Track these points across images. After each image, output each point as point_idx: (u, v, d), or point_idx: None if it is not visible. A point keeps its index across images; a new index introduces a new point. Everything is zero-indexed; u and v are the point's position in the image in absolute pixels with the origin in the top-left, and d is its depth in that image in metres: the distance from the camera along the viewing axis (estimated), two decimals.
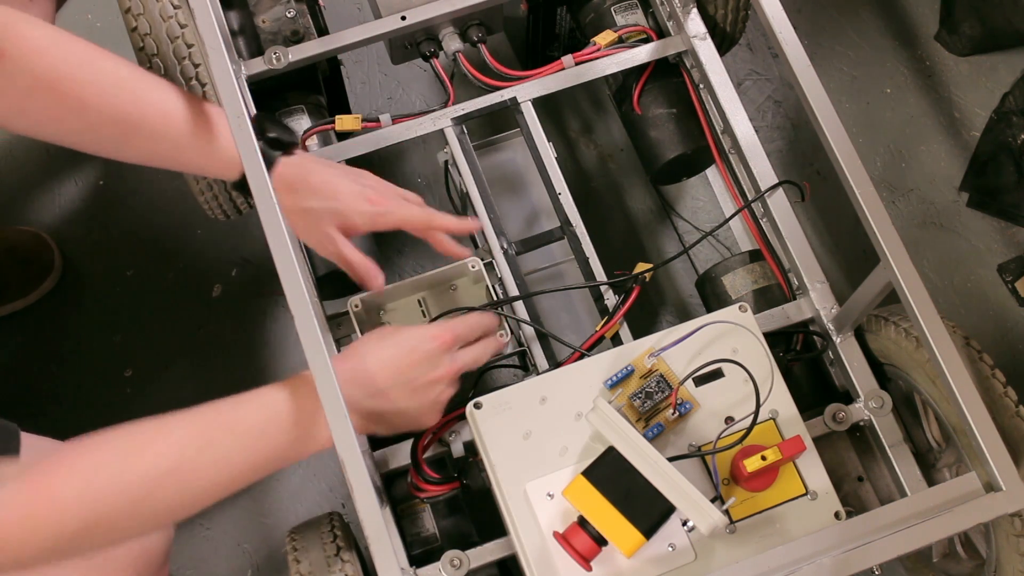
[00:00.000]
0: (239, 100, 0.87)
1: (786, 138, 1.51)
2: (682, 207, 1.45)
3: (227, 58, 0.90)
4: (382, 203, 0.98)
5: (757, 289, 1.07)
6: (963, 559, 1.04)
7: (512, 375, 1.17)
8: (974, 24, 1.51)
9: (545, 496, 0.89)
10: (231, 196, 1.18)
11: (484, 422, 0.91)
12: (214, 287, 1.41)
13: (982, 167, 1.46)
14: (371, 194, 0.98)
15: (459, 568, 0.91)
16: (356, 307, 1.02)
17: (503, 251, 1.06)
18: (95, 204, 1.44)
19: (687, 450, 0.91)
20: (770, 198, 1.06)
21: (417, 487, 0.96)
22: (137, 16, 1.07)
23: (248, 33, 1.16)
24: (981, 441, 0.83)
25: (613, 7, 1.20)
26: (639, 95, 1.18)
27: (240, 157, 0.85)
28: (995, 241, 1.46)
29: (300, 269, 0.82)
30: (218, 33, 0.90)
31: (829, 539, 0.84)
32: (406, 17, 1.13)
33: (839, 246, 1.44)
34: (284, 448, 0.83)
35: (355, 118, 1.10)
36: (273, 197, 0.84)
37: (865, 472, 1.00)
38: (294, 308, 0.81)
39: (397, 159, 1.46)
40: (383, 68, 1.53)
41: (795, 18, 1.54)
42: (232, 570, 1.27)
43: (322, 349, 0.80)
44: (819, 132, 0.92)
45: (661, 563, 0.87)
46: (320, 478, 1.31)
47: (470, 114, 1.11)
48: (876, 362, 1.01)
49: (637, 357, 0.94)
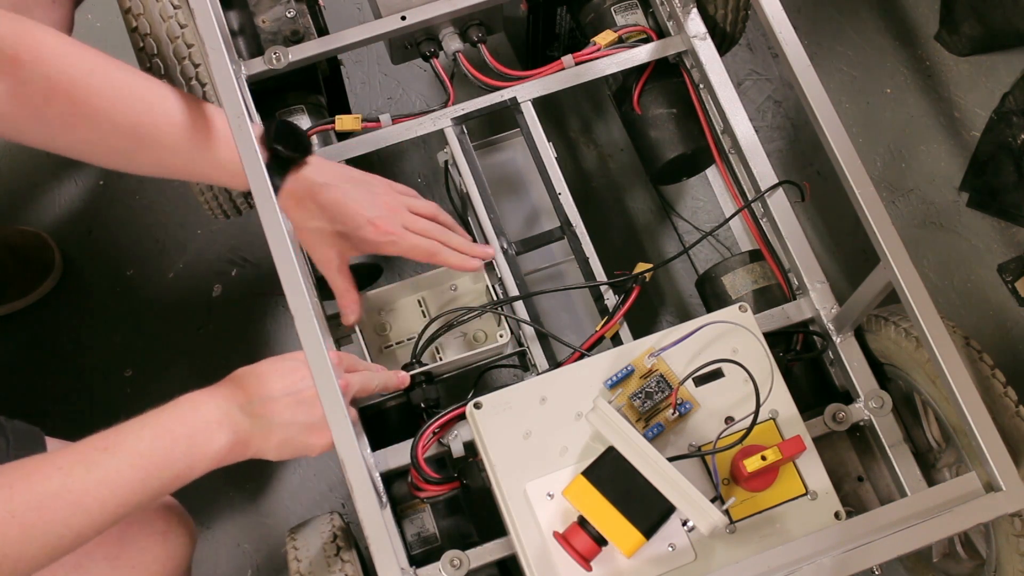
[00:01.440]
0: (239, 100, 0.87)
1: (786, 138, 1.51)
2: (682, 207, 1.45)
3: (227, 58, 0.90)
4: (388, 231, 0.99)
5: (757, 289, 1.07)
6: (963, 559, 1.04)
7: (512, 375, 1.18)
8: (974, 24, 1.51)
9: (545, 496, 0.89)
10: (231, 196, 1.18)
11: (484, 422, 0.91)
12: (214, 287, 1.41)
13: (982, 167, 1.46)
14: (379, 220, 0.99)
15: (459, 568, 0.91)
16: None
17: (503, 251, 1.06)
18: (95, 204, 1.44)
19: (687, 450, 0.91)
20: (770, 198, 1.06)
21: (417, 487, 0.96)
22: (137, 16, 1.08)
23: (248, 33, 1.16)
24: (981, 441, 0.83)
25: (613, 7, 1.20)
26: (639, 95, 1.18)
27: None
28: (995, 241, 1.46)
29: (300, 269, 0.82)
30: (218, 33, 0.90)
31: (829, 539, 0.84)
32: (406, 17, 1.13)
33: (839, 246, 1.44)
34: (172, 462, 0.83)
35: (355, 118, 1.10)
36: (273, 198, 0.84)
37: (865, 472, 1.00)
38: (294, 308, 0.81)
39: (397, 159, 1.46)
40: (383, 68, 1.53)
41: (795, 18, 1.54)
42: (232, 570, 1.27)
43: (322, 349, 0.80)
44: (819, 132, 0.92)
45: (661, 563, 0.87)
46: (320, 478, 1.31)
47: (470, 114, 1.11)
48: (876, 362, 1.01)
49: (637, 357, 0.94)
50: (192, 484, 1.26)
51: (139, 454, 0.81)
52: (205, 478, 1.33)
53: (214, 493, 1.30)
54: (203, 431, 0.84)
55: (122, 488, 0.80)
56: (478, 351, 1.02)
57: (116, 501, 0.80)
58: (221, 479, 1.30)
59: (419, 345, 1.02)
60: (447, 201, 1.19)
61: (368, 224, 0.98)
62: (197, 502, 1.29)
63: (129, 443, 0.81)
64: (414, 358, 1.01)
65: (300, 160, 0.97)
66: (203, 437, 0.84)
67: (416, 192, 1.06)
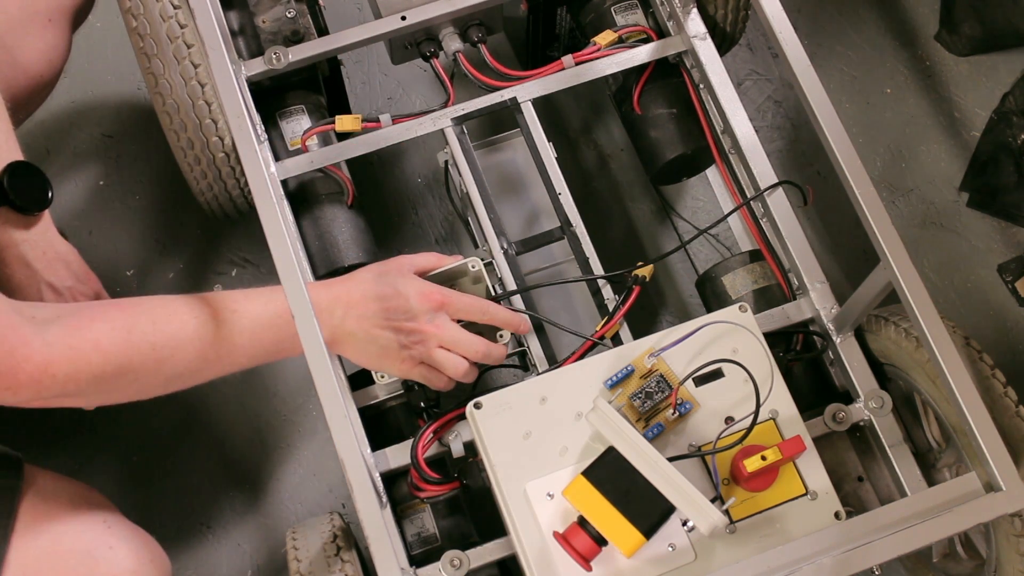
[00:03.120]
0: (239, 100, 0.88)
1: (786, 138, 1.51)
2: (682, 207, 1.45)
3: (227, 58, 0.90)
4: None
5: (757, 289, 1.07)
6: (963, 559, 1.04)
7: (512, 375, 1.17)
8: (974, 24, 1.51)
9: (545, 496, 0.89)
10: (231, 196, 1.18)
11: (484, 422, 0.91)
12: (214, 287, 1.41)
13: (982, 167, 1.46)
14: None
15: (459, 568, 0.91)
16: None
17: (503, 251, 1.06)
18: (95, 204, 1.44)
19: (687, 450, 0.91)
20: (770, 198, 1.06)
21: (417, 487, 0.96)
22: (137, 16, 1.08)
23: (248, 33, 1.16)
24: (981, 441, 0.83)
25: (613, 7, 1.20)
26: (639, 95, 1.18)
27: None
28: (995, 241, 1.46)
29: (300, 269, 0.82)
30: (218, 33, 0.90)
31: (829, 539, 0.84)
32: (406, 17, 1.13)
33: (839, 246, 1.43)
34: (282, 341, 0.92)
35: (355, 118, 1.10)
36: (274, 198, 0.84)
37: (865, 472, 1.00)
38: (294, 308, 0.81)
39: (397, 159, 1.46)
40: (383, 68, 1.53)
41: (795, 18, 1.54)
42: (232, 570, 1.27)
43: (322, 349, 0.80)
44: (819, 132, 0.92)
45: (661, 563, 0.87)
46: (320, 478, 1.31)
47: (470, 114, 1.11)
48: (876, 362, 1.01)
49: (637, 357, 0.94)
50: (192, 484, 1.26)
51: (256, 324, 0.90)
52: (205, 478, 1.32)
53: (214, 493, 1.30)
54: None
55: (238, 350, 0.90)
56: None
57: (229, 360, 0.90)
58: (221, 479, 1.30)
59: None
60: (447, 201, 1.19)
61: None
62: (197, 502, 1.29)
63: (250, 313, 0.91)
64: None
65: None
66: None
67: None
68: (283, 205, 1.07)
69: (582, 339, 1.01)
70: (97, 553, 0.92)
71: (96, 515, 0.95)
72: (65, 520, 0.92)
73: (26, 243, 0.97)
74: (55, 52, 1.09)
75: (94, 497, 0.97)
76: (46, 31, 1.07)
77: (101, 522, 0.94)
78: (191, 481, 1.30)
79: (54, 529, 0.91)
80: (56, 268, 1.00)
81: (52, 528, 0.91)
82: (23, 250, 0.97)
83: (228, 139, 1.11)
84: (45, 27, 1.07)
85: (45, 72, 1.09)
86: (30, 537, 0.89)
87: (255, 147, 0.86)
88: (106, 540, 0.93)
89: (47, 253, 0.99)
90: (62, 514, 0.93)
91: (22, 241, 0.97)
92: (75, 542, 0.91)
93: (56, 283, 1.00)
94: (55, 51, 1.09)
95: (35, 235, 0.98)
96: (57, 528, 0.91)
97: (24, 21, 1.04)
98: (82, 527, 0.93)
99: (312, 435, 1.32)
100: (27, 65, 1.06)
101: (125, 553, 0.94)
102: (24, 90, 1.06)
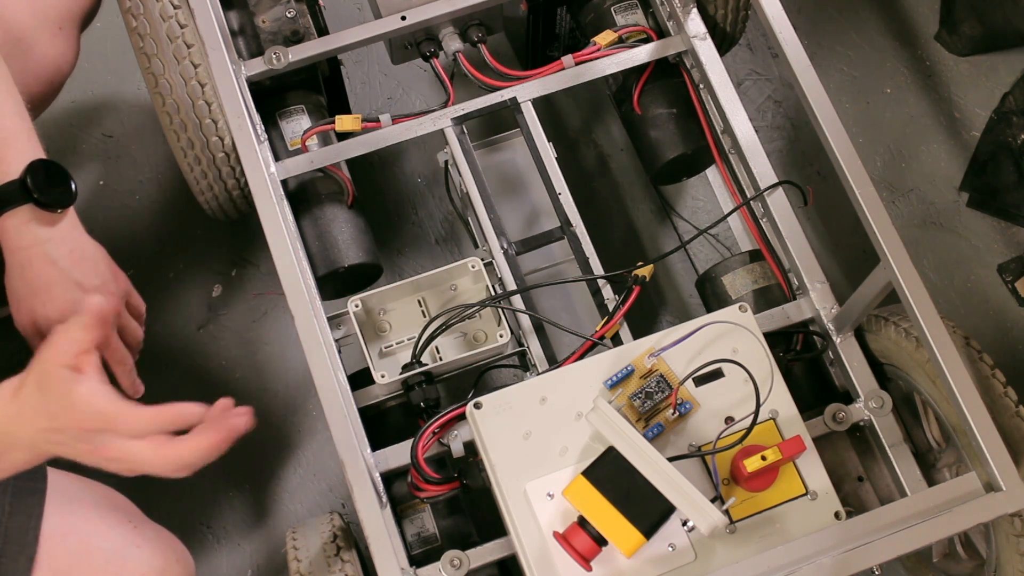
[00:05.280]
0: (239, 100, 0.88)
1: (786, 138, 1.51)
2: (682, 207, 1.45)
3: (227, 58, 0.90)
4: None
5: (757, 289, 1.07)
6: (963, 559, 1.04)
7: (512, 375, 1.18)
8: (974, 24, 1.51)
9: (545, 496, 0.89)
10: (231, 196, 1.18)
11: (484, 422, 0.91)
12: (214, 287, 1.41)
13: (982, 167, 1.46)
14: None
15: (459, 568, 0.91)
16: (356, 307, 1.02)
17: (503, 251, 1.06)
18: (95, 204, 1.44)
19: (687, 450, 0.91)
20: (770, 198, 1.06)
21: (417, 487, 0.96)
22: (137, 16, 1.08)
23: (248, 33, 1.16)
24: (981, 441, 0.83)
25: (613, 7, 1.20)
26: (639, 95, 1.18)
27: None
28: (995, 241, 1.46)
29: (300, 269, 0.82)
30: (218, 33, 0.91)
31: (829, 539, 0.84)
32: (406, 17, 1.13)
33: (839, 246, 1.44)
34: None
35: (355, 118, 1.10)
36: (273, 198, 0.84)
37: (865, 472, 1.00)
38: (294, 308, 0.82)
39: (397, 159, 1.46)
40: (383, 68, 1.53)
41: (795, 18, 1.54)
42: (232, 570, 1.27)
43: (322, 349, 0.80)
44: (819, 132, 0.92)
45: (661, 563, 0.87)
46: (320, 478, 1.31)
47: (470, 114, 1.11)
48: (876, 362, 1.01)
49: (637, 357, 0.94)
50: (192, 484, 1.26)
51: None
52: (205, 478, 1.33)
53: (214, 493, 1.30)
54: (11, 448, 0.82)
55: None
56: (478, 351, 1.02)
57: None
58: (221, 479, 1.30)
59: (419, 345, 1.01)
60: (447, 201, 1.19)
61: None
62: (197, 502, 1.29)
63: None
64: (414, 358, 1.01)
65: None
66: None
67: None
68: (283, 205, 1.07)
69: (582, 339, 1.01)
70: (125, 552, 0.92)
71: (122, 515, 0.95)
72: (92, 521, 0.92)
73: (51, 241, 0.95)
74: (64, 58, 1.10)
75: (118, 498, 0.97)
76: (56, 39, 1.08)
77: (127, 522, 0.94)
78: (191, 481, 1.29)
79: (82, 530, 0.91)
80: (84, 266, 0.98)
81: (80, 529, 0.91)
82: (48, 248, 0.95)
83: (228, 139, 1.11)
84: (56, 35, 1.08)
85: (55, 77, 1.10)
86: (59, 539, 0.89)
87: (255, 147, 0.86)
88: (133, 540, 0.93)
89: (74, 251, 0.97)
90: (89, 515, 0.93)
91: (47, 239, 0.95)
92: (103, 542, 0.91)
93: (84, 282, 0.97)
94: (64, 57, 1.10)
95: (60, 233, 0.96)
96: (85, 528, 0.92)
97: (36, 29, 1.05)
98: (109, 528, 0.93)
99: (312, 435, 1.32)
100: (39, 71, 1.07)
101: (152, 552, 0.94)
102: (36, 95, 1.07)
